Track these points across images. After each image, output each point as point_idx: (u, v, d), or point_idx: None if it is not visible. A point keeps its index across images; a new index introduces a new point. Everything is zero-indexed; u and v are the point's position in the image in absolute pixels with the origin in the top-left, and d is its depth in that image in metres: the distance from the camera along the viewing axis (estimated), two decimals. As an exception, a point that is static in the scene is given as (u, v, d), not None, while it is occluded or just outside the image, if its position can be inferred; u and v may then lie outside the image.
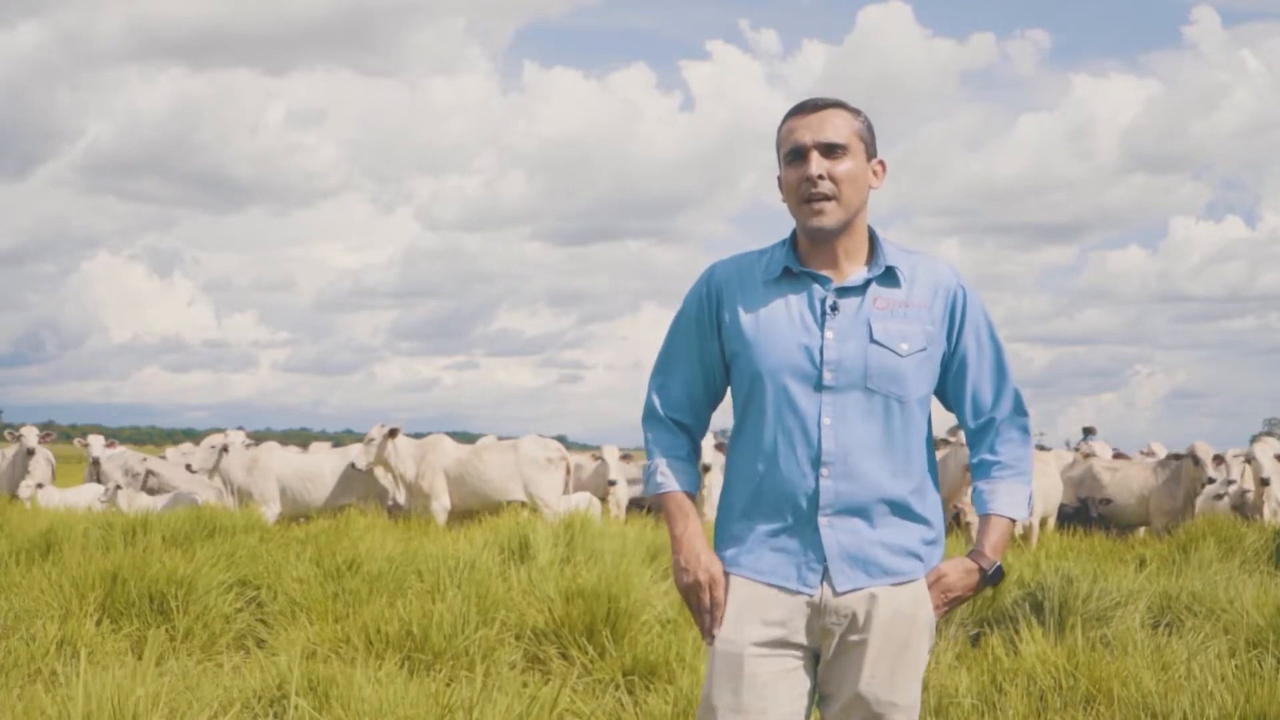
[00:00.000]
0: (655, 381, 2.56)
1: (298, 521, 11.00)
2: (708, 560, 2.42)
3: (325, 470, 11.73)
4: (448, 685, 4.42)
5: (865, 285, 2.41)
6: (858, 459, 2.36)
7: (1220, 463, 11.17)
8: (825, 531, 2.36)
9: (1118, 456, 13.52)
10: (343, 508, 11.21)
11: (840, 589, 2.36)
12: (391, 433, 11.24)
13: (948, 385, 2.50)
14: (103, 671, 4.15)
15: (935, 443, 2.59)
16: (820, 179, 2.36)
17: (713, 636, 2.39)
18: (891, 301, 2.41)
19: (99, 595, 5.81)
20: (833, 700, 2.42)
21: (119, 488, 11.49)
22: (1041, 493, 10.95)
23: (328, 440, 14.45)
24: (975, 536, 2.53)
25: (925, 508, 2.43)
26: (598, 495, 12.21)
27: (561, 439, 13.19)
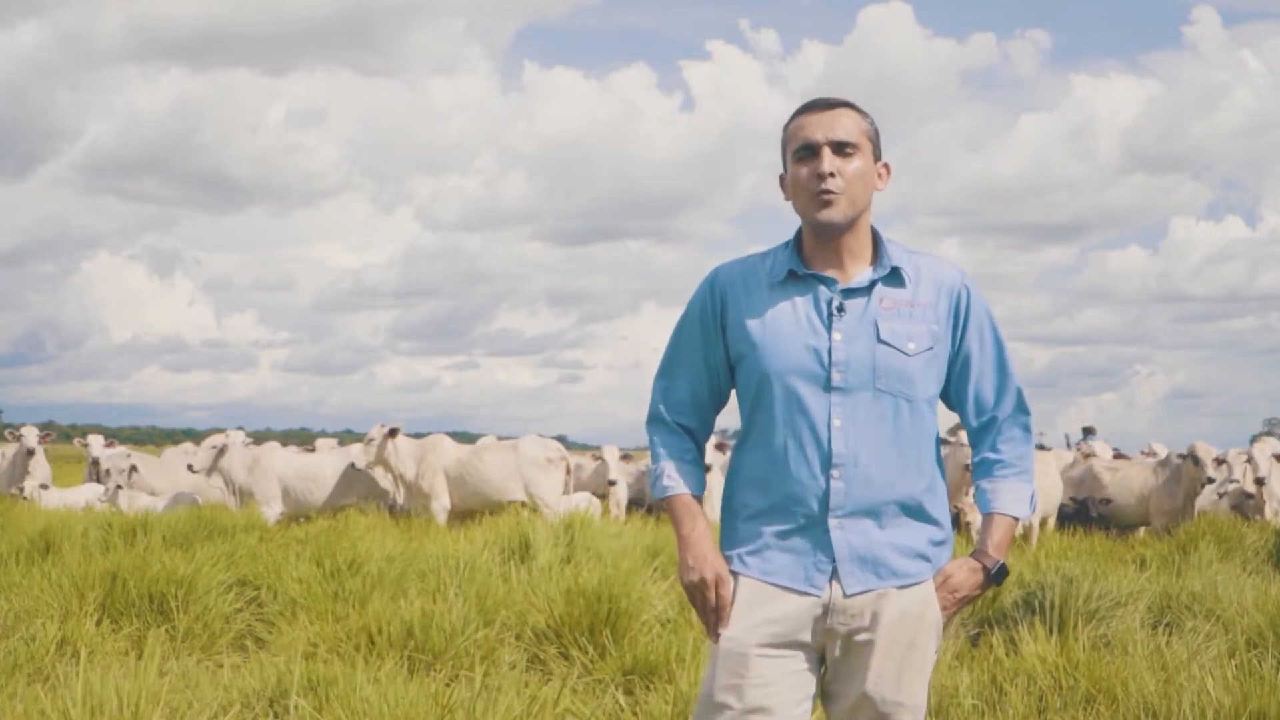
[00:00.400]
0: (660, 385, 2.55)
1: (298, 521, 11.00)
2: (715, 560, 2.41)
3: (327, 470, 11.74)
4: (448, 685, 4.42)
5: (871, 286, 2.41)
6: (868, 460, 2.36)
7: (1221, 463, 11.17)
8: (835, 533, 2.36)
9: (1118, 457, 13.51)
10: (344, 508, 11.23)
11: (850, 590, 2.36)
12: (391, 433, 11.24)
13: (950, 383, 2.50)
14: (103, 671, 4.14)
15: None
16: (831, 175, 2.37)
17: (718, 635, 2.38)
18: (897, 301, 2.41)
19: (99, 595, 5.81)
20: (839, 700, 2.42)
21: (119, 487, 11.50)
22: (1042, 492, 10.95)
23: (330, 439, 14.40)
24: (978, 536, 2.53)
25: (936, 508, 2.44)
26: (598, 495, 12.21)
27: (561, 439, 13.19)
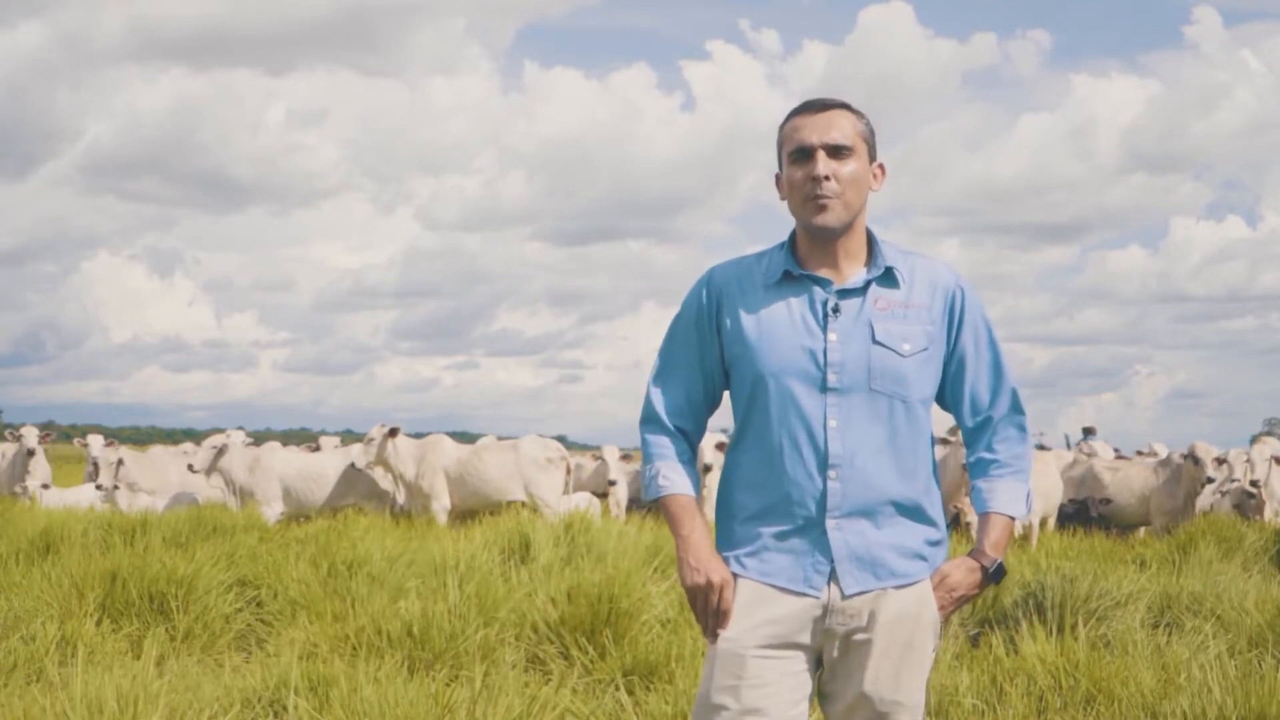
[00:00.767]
0: (654, 385, 2.55)
1: (298, 521, 11.00)
2: (718, 563, 2.41)
3: (328, 470, 11.75)
4: (448, 685, 4.42)
5: (866, 287, 2.41)
6: (865, 461, 2.36)
7: (1221, 463, 11.17)
8: (833, 534, 2.36)
9: (1118, 457, 13.52)
10: (345, 508, 11.23)
11: (849, 591, 2.36)
12: (391, 432, 11.25)
13: (946, 384, 2.50)
14: (102, 671, 4.15)
15: (934, 442, 2.59)
16: (826, 179, 2.37)
17: (716, 636, 2.38)
18: (892, 302, 2.41)
19: (99, 595, 5.81)
20: (837, 700, 2.42)
21: (118, 487, 11.50)
22: (1041, 493, 10.95)
23: (333, 439, 14.38)
24: (976, 535, 2.54)
25: (932, 508, 2.44)
26: (598, 495, 12.21)
27: (561, 439, 13.17)
